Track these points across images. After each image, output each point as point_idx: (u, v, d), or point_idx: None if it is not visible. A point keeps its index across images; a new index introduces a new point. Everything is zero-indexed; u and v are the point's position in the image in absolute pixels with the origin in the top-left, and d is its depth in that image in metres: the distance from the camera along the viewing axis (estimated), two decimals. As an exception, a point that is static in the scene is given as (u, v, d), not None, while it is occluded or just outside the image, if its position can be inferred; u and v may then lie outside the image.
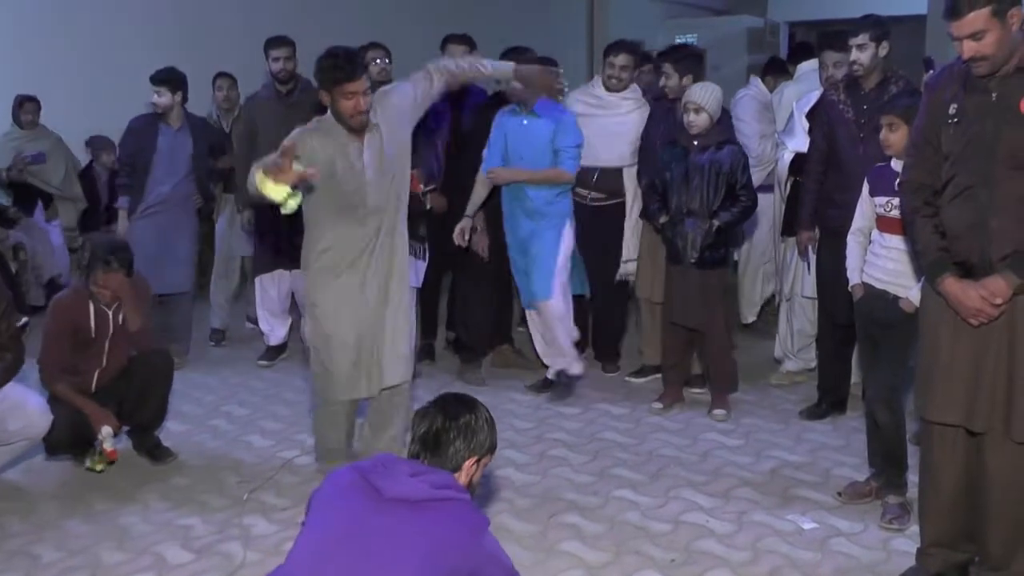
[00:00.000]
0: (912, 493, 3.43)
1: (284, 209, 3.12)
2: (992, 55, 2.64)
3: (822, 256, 4.43)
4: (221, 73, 6.33)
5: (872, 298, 3.58)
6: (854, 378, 4.59)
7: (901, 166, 3.35)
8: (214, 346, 5.99)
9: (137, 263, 4.74)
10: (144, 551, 3.33)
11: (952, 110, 2.79)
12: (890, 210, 3.47)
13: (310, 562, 2.15)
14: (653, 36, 12.47)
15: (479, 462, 2.30)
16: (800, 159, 4.76)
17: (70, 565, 3.24)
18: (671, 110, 4.95)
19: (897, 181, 3.36)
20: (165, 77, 5.27)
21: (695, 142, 4.47)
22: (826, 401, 4.60)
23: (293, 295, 5.53)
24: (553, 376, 4.93)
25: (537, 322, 4.90)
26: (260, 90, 5.51)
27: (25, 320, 5.36)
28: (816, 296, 4.69)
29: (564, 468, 4.04)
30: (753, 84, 6.13)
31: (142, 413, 4.10)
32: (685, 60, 4.92)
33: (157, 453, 4.11)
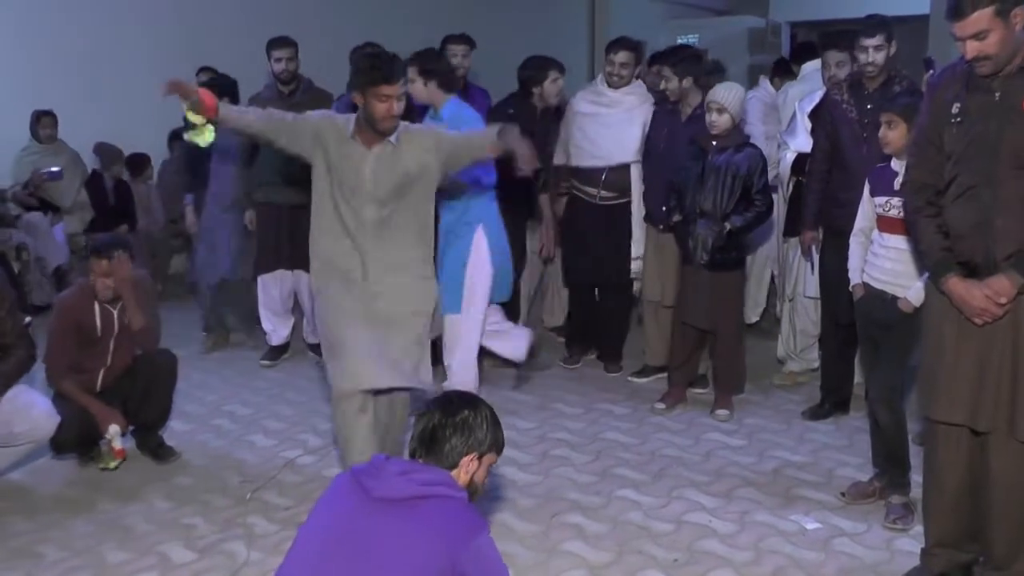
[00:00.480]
0: (916, 493, 3.43)
1: (204, 139, 3.21)
2: (995, 55, 2.64)
3: (825, 256, 4.43)
4: (204, 68, 6.41)
5: (872, 298, 3.59)
6: (857, 378, 4.59)
7: (901, 166, 3.36)
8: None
9: (204, 256, 4.81)
10: (147, 550, 3.33)
11: (955, 110, 2.79)
12: (889, 210, 3.46)
13: (298, 567, 2.14)
14: (655, 36, 12.47)
15: (480, 459, 2.25)
16: (802, 159, 4.75)
17: (74, 564, 3.24)
18: (672, 112, 4.94)
19: (899, 181, 3.36)
20: (215, 81, 5.45)
21: (714, 143, 4.43)
22: (829, 401, 4.60)
23: (296, 295, 5.54)
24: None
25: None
26: (262, 90, 5.51)
27: (29, 319, 5.35)
28: (818, 296, 4.69)
29: (566, 468, 4.04)
30: (762, 86, 6.14)
31: (146, 412, 4.10)
32: (683, 62, 4.89)
33: (160, 452, 4.12)
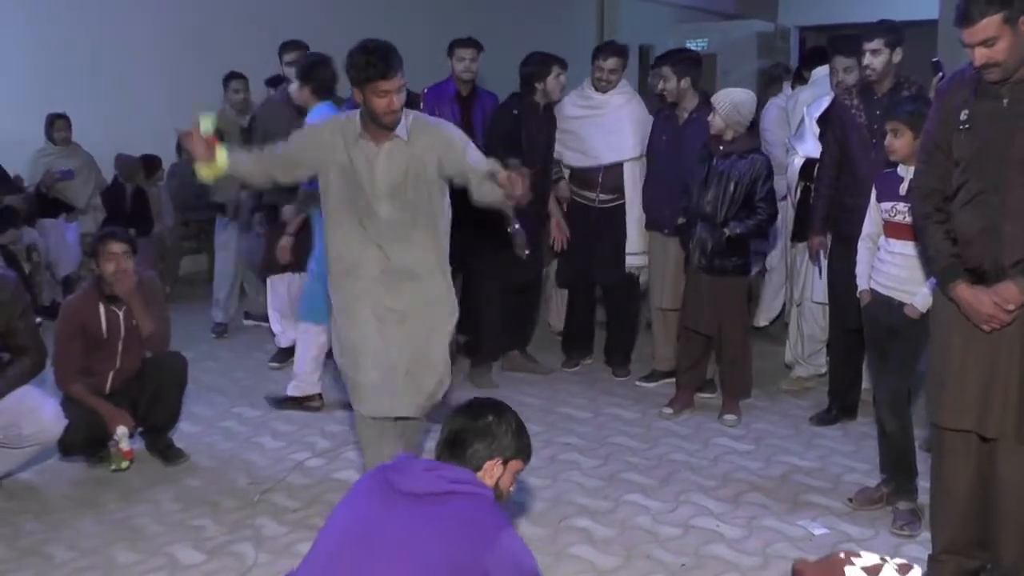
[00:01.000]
0: (923, 499, 3.43)
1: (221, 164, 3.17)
2: (1004, 61, 2.65)
3: (833, 261, 4.42)
4: (234, 74, 6.37)
5: (879, 304, 3.58)
6: (865, 384, 4.58)
7: (906, 171, 3.35)
8: (215, 338, 6.25)
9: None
10: (156, 551, 3.35)
11: (963, 116, 2.79)
12: (895, 215, 3.46)
13: (324, 561, 2.17)
14: (663, 40, 12.48)
15: (505, 465, 2.29)
16: (810, 164, 4.75)
17: (83, 565, 3.26)
18: (670, 117, 4.94)
19: (905, 187, 3.36)
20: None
21: (720, 147, 4.44)
22: (836, 407, 4.59)
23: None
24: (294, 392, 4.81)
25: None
26: (274, 94, 5.53)
27: (39, 321, 5.39)
28: (826, 301, 4.69)
29: (574, 472, 4.04)
30: (785, 91, 6.13)
31: (156, 415, 4.12)
32: (683, 63, 4.88)
33: (169, 454, 4.13)
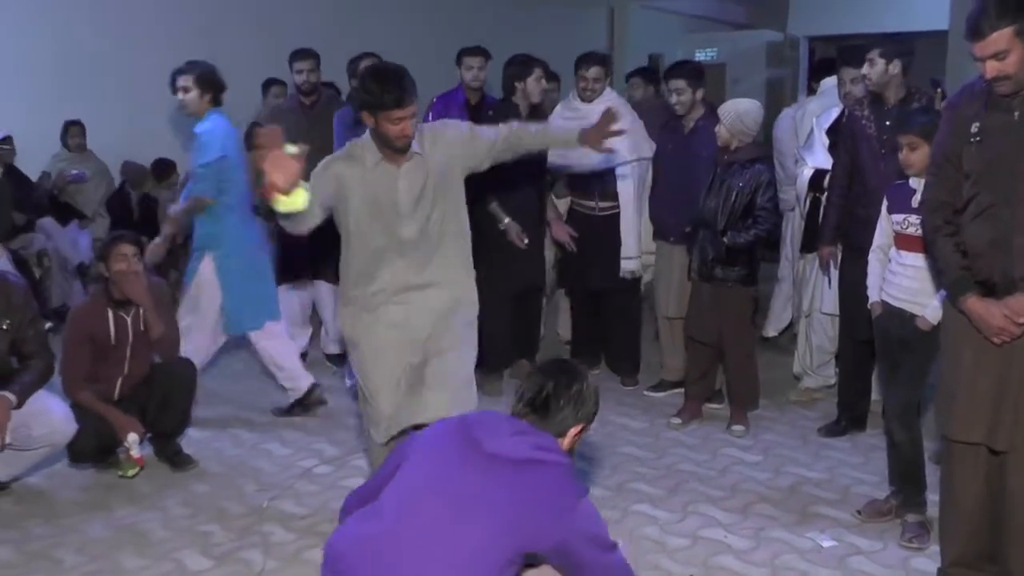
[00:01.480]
0: (932, 512, 3.42)
1: (300, 206, 2.90)
2: (1015, 74, 2.65)
3: (844, 272, 4.42)
4: (273, 80, 6.56)
5: (889, 316, 3.57)
6: (874, 395, 4.57)
7: (918, 183, 3.35)
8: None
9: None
10: (164, 557, 3.36)
11: (974, 129, 2.79)
12: (907, 227, 3.45)
13: (397, 507, 2.19)
14: (673, 50, 12.50)
15: (582, 432, 2.35)
16: (819, 175, 4.76)
17: (91, 570, 3.27)
18: (675, 128, 4.92)
19: (917, 199, 3.36)
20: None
21: (724, 156, 4.45)
22: (845, 418, 4.58)
23: (314, 305, 5.57)
24: None
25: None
26: (284, 101, 5.57)
27: (49, 325, 5.42)
28: (835, 312, 4.68)
29: (584, 481, 4.04)
30: (800, 103, 6.14)
31: (164, 421, 4.13)
32: (696, 76, 4.85)
33: (178, 460, 4.14)
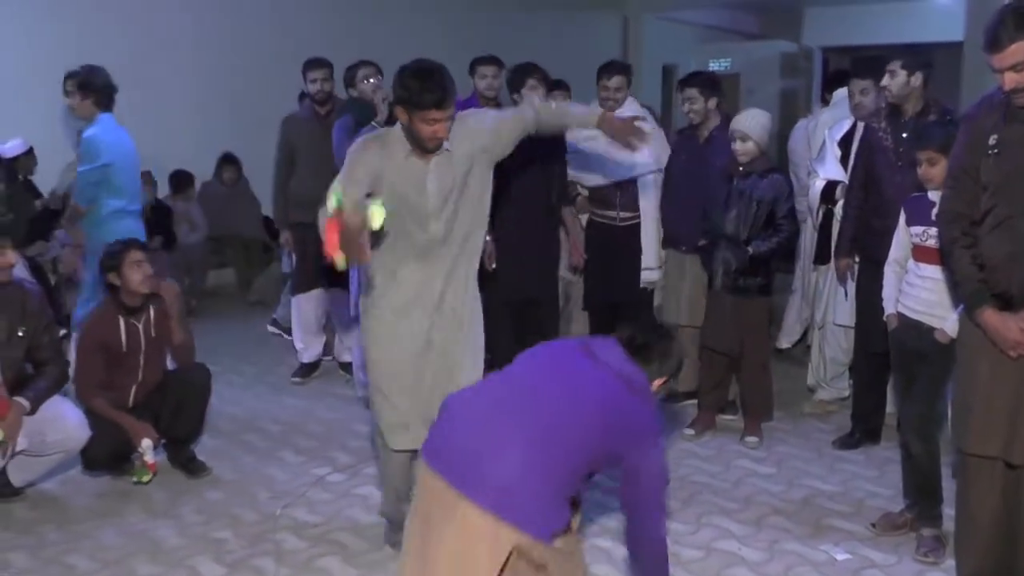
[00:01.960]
0: (948, 526, 3.40)
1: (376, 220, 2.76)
2: None
3: (860, 283, 4.40)
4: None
5: (907, 328, 3.56)
6: (889, 408, 4.55)
7: (938, 196, 3.34)
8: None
9: None
10: (178, 564, 3.36)
11: (992, 141, 2.78)
12: (926, 239, 3.44)
13: (503, 374, 2.59)
14: (686, 61, 12.50)
15: (664, 384, 2.66)
16: (831, 187, 4.75)
17: (104, 576, 3.29)
18: (690, 137, 4.92)
19: (934, 212, 3.35)
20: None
21: (740, 168, 4.46)
22: (859, 430, 4.55)
23: (328, 313, 5.59)
24: None
25: None
26: (298, 110, 5.59)
27: (64, 332, 5.44)
28: (848, 324, 4.66)
29: (595, 492, 4.02)
30: (815, 114, 6.13)
31: (179, 427, 4.14)
32: (709, 85, 4.85)
33: (192, 467, 4.15)
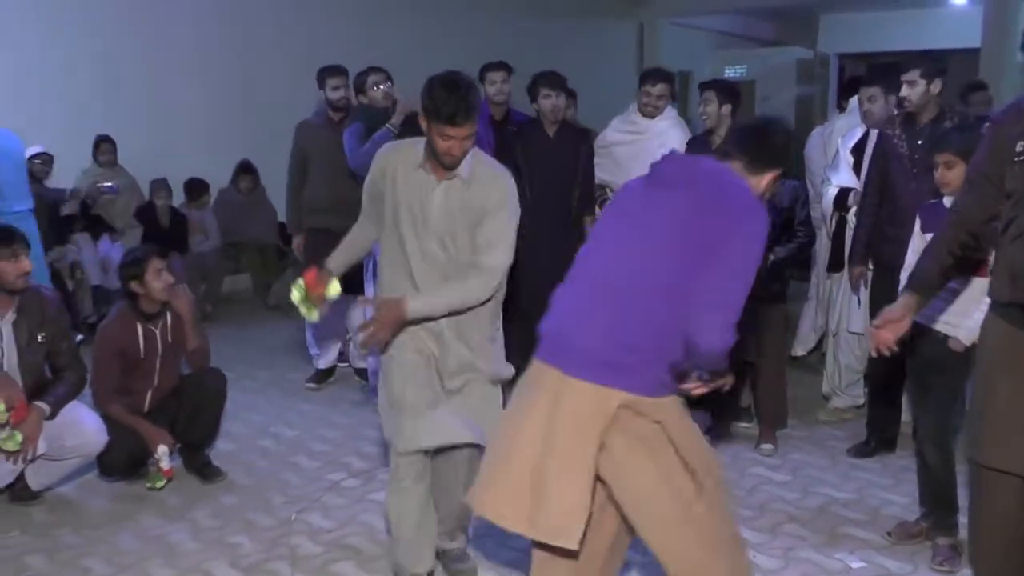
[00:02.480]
0: (964, 535, 3.37)
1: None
2: None
3: (874, 291, 4.38)
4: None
5: (921, 336, 3.54)
6: (904, 416, 4.52)
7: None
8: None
9: None
10: (193, 568, 3.38)
11: (1019, 148, 2.74)
12: (941, 247, 3.42)
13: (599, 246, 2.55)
14: (702, 67, 12.49)
15: (776, 179, 2.53)
16: (844, 195, 4.74)
17: (121, 580, 3.30)
18: (705, 143, 4.92)
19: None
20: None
21: None
22: (875, 439, 4.53)
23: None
24: None
25: None
26: (311, 117, 5.60)
27: (80, 338, 5.48)
28: (862, 332, 4.64)
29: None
30: (831, 121, 6.12)
31: (194, 432, 4.16)
32: (725, 90, 4.83)
33: (207, 472, 4.17)
